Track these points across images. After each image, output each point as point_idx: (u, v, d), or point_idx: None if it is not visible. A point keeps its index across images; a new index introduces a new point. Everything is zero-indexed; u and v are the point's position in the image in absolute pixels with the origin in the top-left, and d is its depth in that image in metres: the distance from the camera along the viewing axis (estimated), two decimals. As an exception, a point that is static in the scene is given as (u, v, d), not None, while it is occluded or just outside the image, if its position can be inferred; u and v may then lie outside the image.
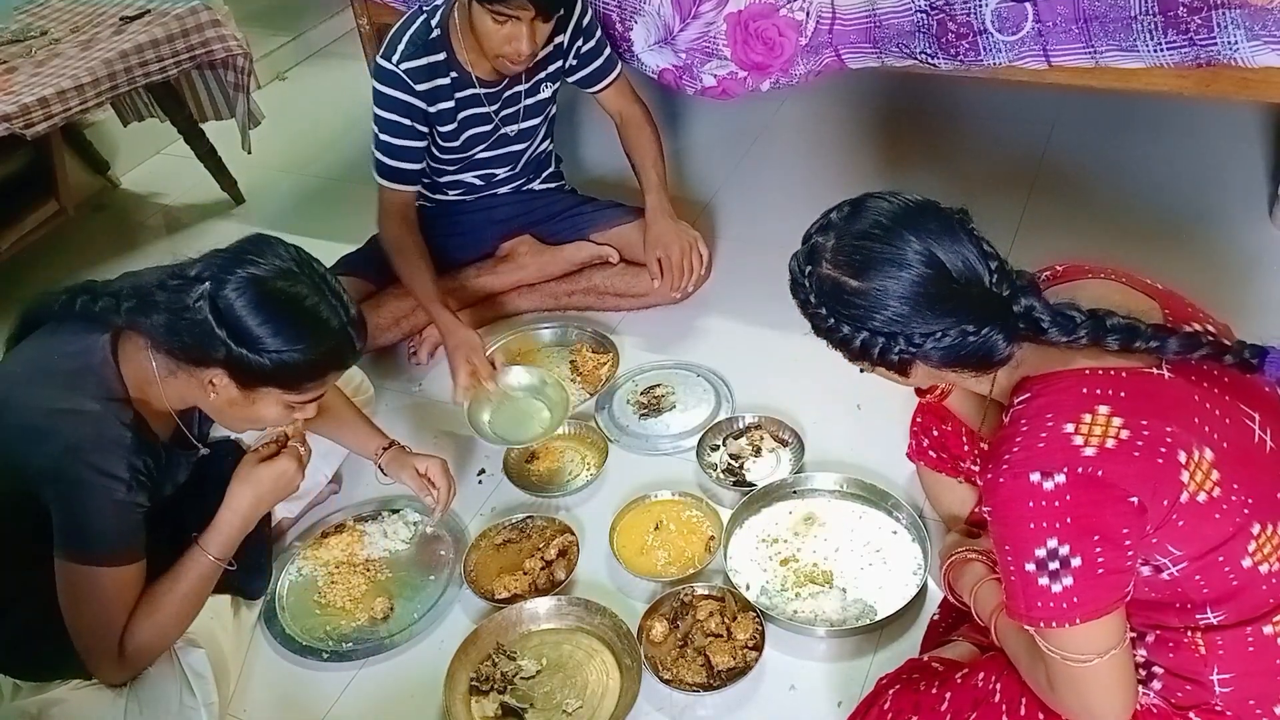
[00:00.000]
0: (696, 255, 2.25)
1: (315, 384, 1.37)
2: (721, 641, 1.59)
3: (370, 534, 1.87)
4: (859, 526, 1.78)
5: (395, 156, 2.12)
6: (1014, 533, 1.07)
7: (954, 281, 1.11)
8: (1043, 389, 1.10)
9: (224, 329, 1.27)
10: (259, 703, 1.64)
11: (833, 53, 2.11)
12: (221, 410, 1.39)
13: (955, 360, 1.13)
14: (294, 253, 1.35)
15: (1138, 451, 1.03)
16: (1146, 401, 1.06)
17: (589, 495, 1.93)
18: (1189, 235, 2.38)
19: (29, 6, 2.67)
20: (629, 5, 2.24)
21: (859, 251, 1.13)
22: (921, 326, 1.11)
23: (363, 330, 1.39)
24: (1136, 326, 1.08)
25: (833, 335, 1.17)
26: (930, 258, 1.10)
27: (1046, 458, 1.04)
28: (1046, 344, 1.11)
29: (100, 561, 1.33)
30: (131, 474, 1.33)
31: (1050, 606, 1.06)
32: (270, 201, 2.91)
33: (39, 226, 2.46)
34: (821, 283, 1.15)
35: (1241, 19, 1.75)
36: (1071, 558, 1.04)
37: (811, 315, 1.19)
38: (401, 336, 2.28)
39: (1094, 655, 1.07)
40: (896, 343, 1.12)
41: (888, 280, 1.11)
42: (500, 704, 1.56)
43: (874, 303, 1.12)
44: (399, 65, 2.04)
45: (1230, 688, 1.13)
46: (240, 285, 1.28)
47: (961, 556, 1.46)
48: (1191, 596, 1.11)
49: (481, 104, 2.13)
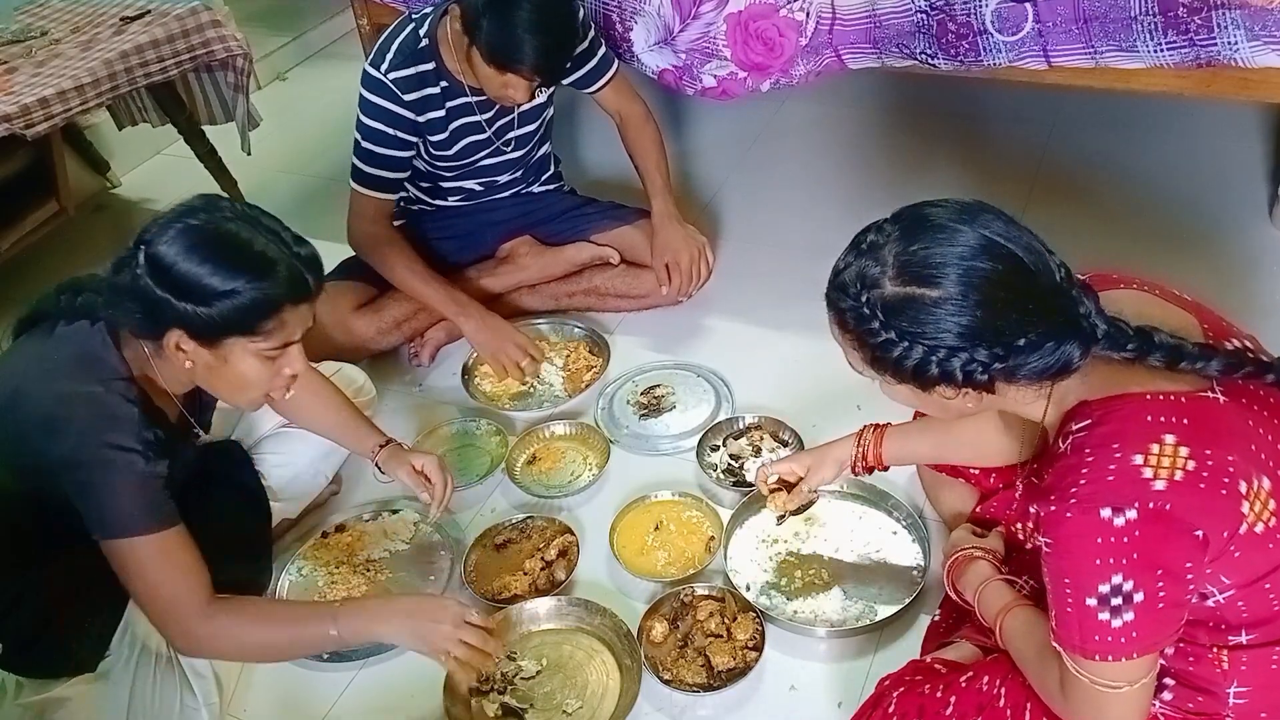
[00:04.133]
0: (705, 262, 2.25)
1: (273, 323, 1.33)
2: (721, 642, 1.59)
3: (370, 534, 1.87)
4: (859, 526, 1.78)
5: (375, 164, 2.10)
6: (1077, 567, 1.04)
7: (1031, 274, 1.05)
8: (1104, 415, 1.06)
9: (163, 287, 1.27)
10: (259, 703, 1.64)
11: (833, 53, 2.11)
12: (206, 379, 1.39)
13: (1039, 369, 1.06)
14: (232, 203, 1.35)
15: (1203, 484, 1.00)
16: (1208, 429, 1.03)
17: (589, 496, 1.93)
18: (1189, 235, 2.38)
19: (29, 6, 2.67)
20: (629, 5, 2.24)
21: (927, 260, 1.05)
22: (1007, 329, 1.04)
23: (313, 264, 1.37)
24: (1183, 345, 1.06)
25: (903, 363, 1.08)
26: (1004, 251, 1.05)
27: (1117, 492, 1.01)
28: (1096, 359, 1.07)
29: (140, 532, 1.32)
30: (145, 445, 1.33)
31: (1109, 641, 1.04)
32: (270, 202, 2.86)
33: (39, 226, 2.46)
34: (888, 305, 1.07)
35: (1241, 19, 1.75)
36: (1135, 593, 1.02)
37: (877, 347, 1.09)
38: (403, 339, 2.28)
39: (1127, 684, 1.07)
40: (979, 354, 1.05)
41: (967, 283, 1.04)
42: (500, 704, 1.56)
43: (955, 310, 1.04)
44: (387, 75, 2.02)
45: (1244, 700, 1.12)
46: (171, 238, 1.28)
47: (966, 554, 1.46)
48: (1228, 619, 1.11)
49: (474, 112, 2.12)
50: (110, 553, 1.33)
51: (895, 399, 1.19)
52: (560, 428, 2.05)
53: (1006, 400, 1.14)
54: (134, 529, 1.32)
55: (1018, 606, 1.31)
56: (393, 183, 2.15)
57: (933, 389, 1.11)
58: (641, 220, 2.32)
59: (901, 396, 1.18)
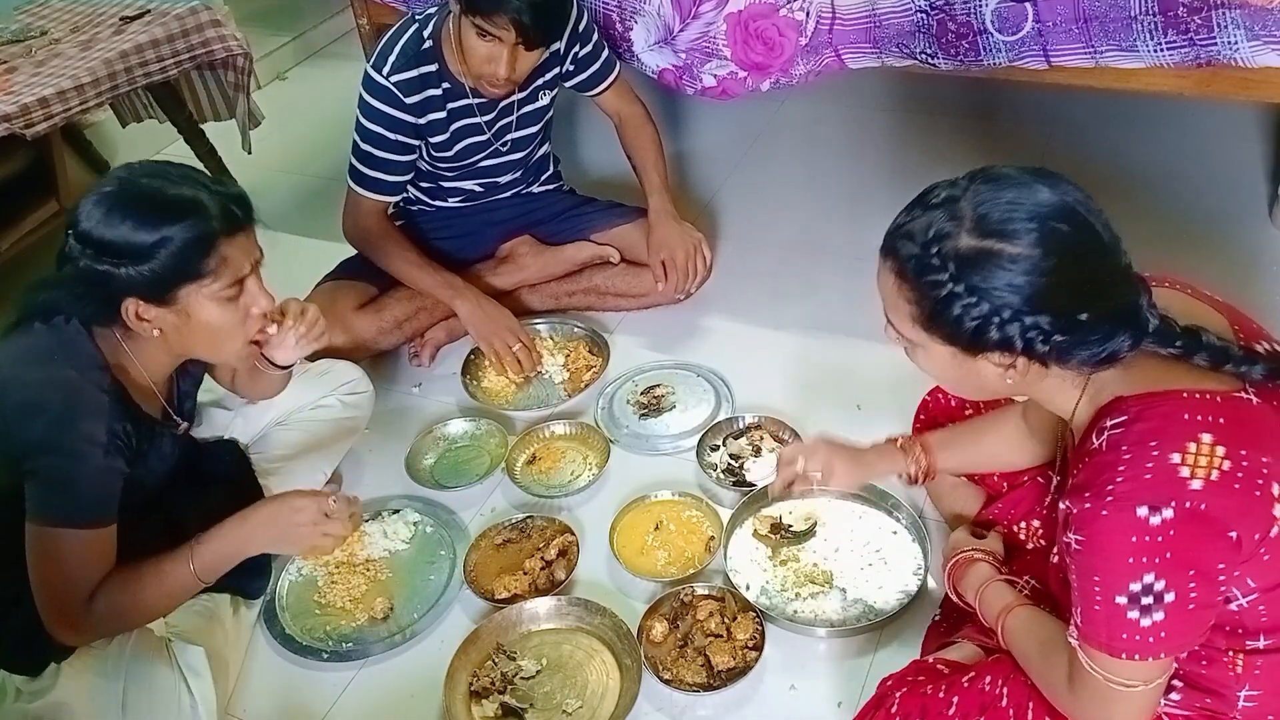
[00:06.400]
0: (701, 258, 2.25)
1: (214, 260, 1.33)
2: (721, 641, 1.59)
3: (370, 534, 1.87)
4: (859, 527, 1.78)
5: (373, 167, 2.10)
6: (1109, 565, 1.03)
7: (1104, 251, 1.04)
8: (1141, 411, 1.05)
9: (102, 260, 1.29)
10: (259, 703, 1.64)
11: (833, 53, 2.11)
12: (180, 342, 1.39)
13: (1091, 354, 1.05)
14: (140, 163, 1.37)
15: (1238, 484, 1.00)
16: (1244, 429, 1.02)
17: (589, 495, 1.93)
18: (1189, 235, 2.38)
19: (29, 6, 2.67)
20: (629, 5, 2.24)
21: (1010, 216, 1.03)
22: (1074, 301, 1.03)
23: (237, 198, 1.38)
24: (1229, 348, 1.05)
25: (962, 322, 1.06)
26: (1083, 220, 1.04)
27: (1154, 491, 1.00)
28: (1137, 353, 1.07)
29: (71, 524, 1.34)
30: (110, 438, 1.33)
31: (1136, 640, 1.04)
32: (270, 201, 2.90)
33: (39, 226, 2.46)
34: (962, 257, 1.04)
35: (1241, 19, 1.75)
36: (1166, 593, 1.01)
37: (939, 302, 1.06)
38: (404, 340, 2.28)
39: (1142, 683, 1.06)
40: (1043, 321, 1.03)
41: (1046, 244, 1.02)
42: (500, 704, 1.56)
43: (1031, 269, 1.02)
44: (389, 78, 2.01)
45: (1254, 703, 1.12)
46: (90, 211, 1.30)
47: (967, 556, 1.46)
48: (1247, 624, 1.10)
49: (474, 114, 2.11)
50: (32, 534, 1.34)
51: (928, 368, 1.17)
52: (560, 427, 2.05)
53: (1044, 386, 1.13)
54: (68, 521, 1.33)
55: (1019, 606, 1.31)
56: (391, 186, 2.14)
57: (981, 355, 1.09)
58: (641, 219, 2.31)
59: (937, 365, 1.15)
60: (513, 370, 2.15)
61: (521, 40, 1.88)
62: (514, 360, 2.14)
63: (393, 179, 2.13)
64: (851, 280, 2.34)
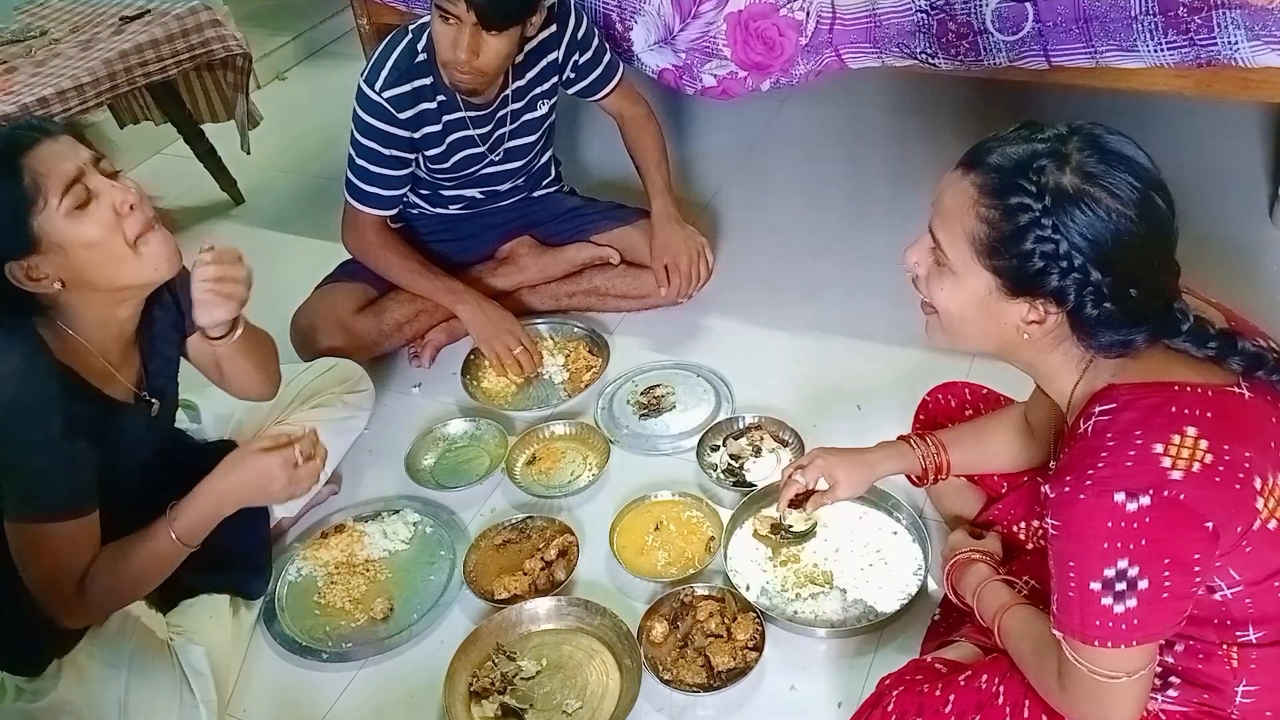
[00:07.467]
0: (704, 263, 2.25)
1: (29, 176, 1.28)
2: (721, 642, 1.59)
3: (370, 534, 1.87)
4: (859, 527, 1.78)
5: (370, 182, 2.09)
6: (1083, 550, 1.04)
7: (1172, 241, 1.06)
8: (1131, 401, 1.06)
9: None
10: (259, 703, 1.64)
11: (833, 52, 2.11)
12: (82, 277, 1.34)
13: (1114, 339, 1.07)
14: None
15: (1219, 477, 1.01)
16: (1230, 424, 1.03)
17: (589, 496, 1.93)
18: (1188, 235, 2.32)
19: (29, 6, 2.67)
20: (629, 5, 2.24)
21: (1114, 173, 1.03)
22: (1134, 273, 1.04)
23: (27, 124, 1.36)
24: (1263, 355, 1.06)
25: (1029, 258, 1.05)
26: (1170, 202, 1.06)
27: (1133, 478, 1.01)
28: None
29: (49, 516, 1.33)
30: (66, 423, 1.32)
31: (1109, 627, 1.04)
32: (270, 202, 2.91)
33: (39, 226, 2.46)
34: (1060, 191, 1.03)
35: (1241, 19, 1.75)
36: (1139, 580, 1.02)
37: (1015, 228, 1.05)
38: (405, 342, 2.27)
39: (1125, 674, 1.07)
40: (1105, 281, 1.03)
41: (1141, 209, 1.03)
42: (500, 704, 1.56)
43: (1118, 226, 1.03)
44: (382, 94, 1.99)
45: (1251, 699, 1.12)
46: None
47: (965, 557, 1.46)
48: (1235, 615, 1.11)
49: (468, 126, 2.09)
50: (15, 531, 1.34)
51: (945, 299, 1.14)
52: (560, 428, 2.05)
53: (1049, 358, 1.13)
54: (42, 515, 1.33)
55: (1015, 605, 1.31)
56: (388, 200, 2.14)
57: (1021, 299, 1.08)
58: (642, 220, 2.31)
59: (959, 299, 1.13)
60: (514, 373, 2.15)
61: (480, 19, 1.82)
62: (515, 363, 2.15)
63: (389, 193, 2.13)
64: (852, 280, 2.34)
